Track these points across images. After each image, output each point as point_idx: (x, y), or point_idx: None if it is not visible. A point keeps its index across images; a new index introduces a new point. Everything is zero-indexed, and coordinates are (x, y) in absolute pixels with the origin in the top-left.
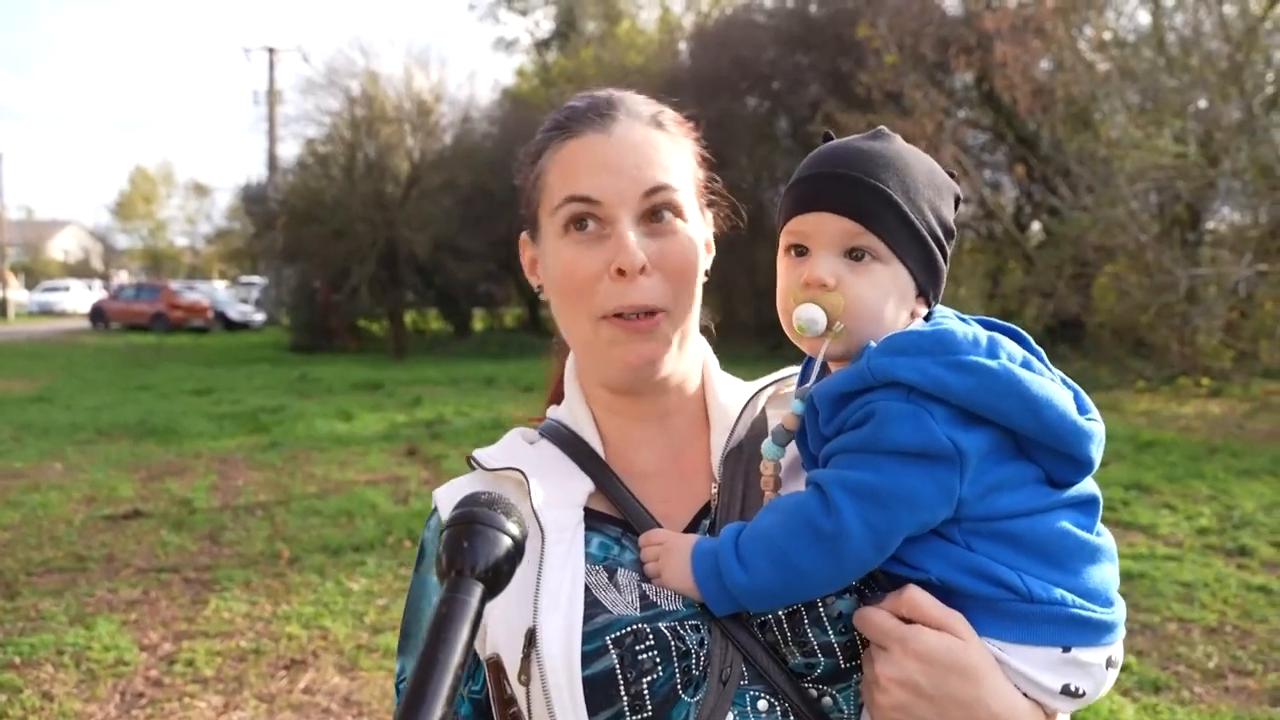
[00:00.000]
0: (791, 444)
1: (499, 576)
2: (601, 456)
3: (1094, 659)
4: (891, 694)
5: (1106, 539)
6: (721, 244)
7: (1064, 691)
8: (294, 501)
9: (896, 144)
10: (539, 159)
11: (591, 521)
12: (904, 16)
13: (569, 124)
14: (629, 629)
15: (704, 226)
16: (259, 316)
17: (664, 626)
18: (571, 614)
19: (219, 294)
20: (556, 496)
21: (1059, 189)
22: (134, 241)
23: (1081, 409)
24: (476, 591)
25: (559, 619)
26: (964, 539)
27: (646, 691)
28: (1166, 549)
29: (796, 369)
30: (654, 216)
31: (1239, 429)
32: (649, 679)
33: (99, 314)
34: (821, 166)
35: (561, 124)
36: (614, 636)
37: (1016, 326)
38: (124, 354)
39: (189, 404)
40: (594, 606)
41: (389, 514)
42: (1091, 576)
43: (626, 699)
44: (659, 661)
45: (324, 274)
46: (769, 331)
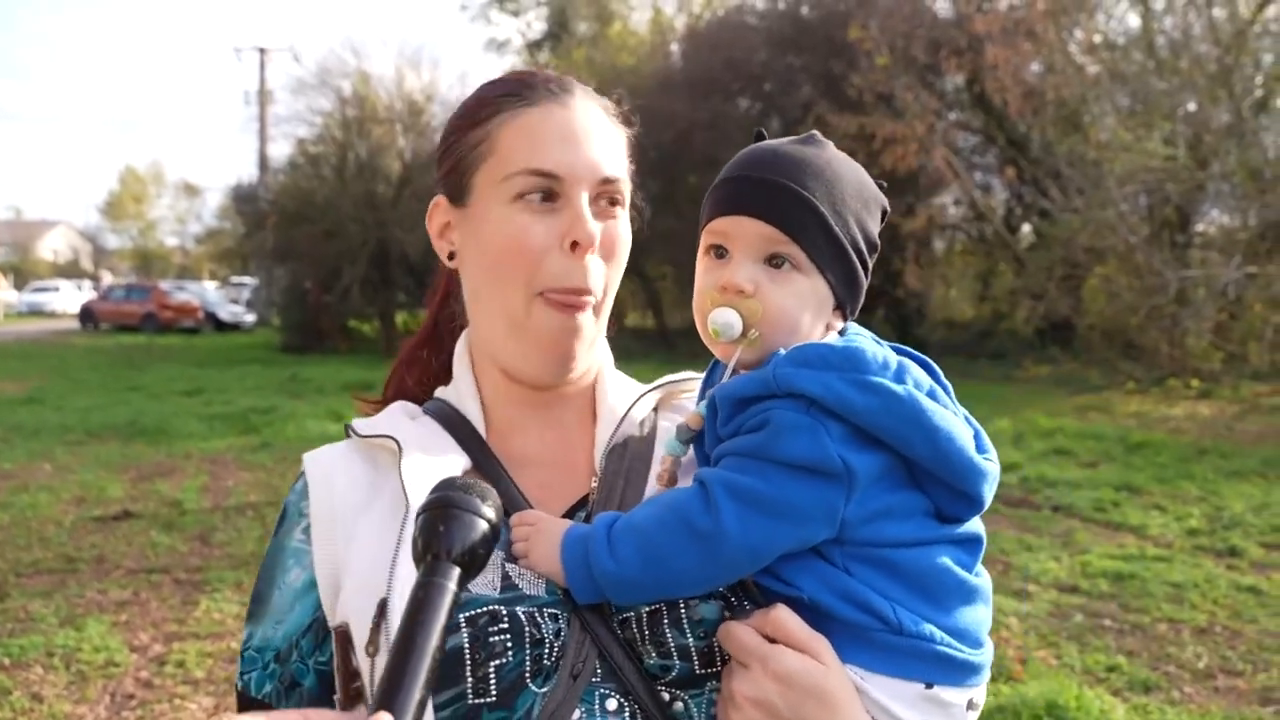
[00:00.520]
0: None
1: (475, 560)
2: (483, 437)
3: (955, 699)
4: (746, 713)
5: (984, 580)
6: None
7: None
8: None
9: (828, 152)
10: (486, 122)
11: None
12: (895, 19)
13: (525, 92)
14: (484, 609)
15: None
16: (249, 317)
17: (521, 611)
18: None
19: (209, 294)
20: (429, 470)
21: (1049, 191)
22: (124, 241)
23: (980, 448)
24: (453, 575)
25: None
26: (843, 562)
27: (493, 676)
28: (1156, 550)
29: (693, 373)
30: (603, 201)
31: (1228, 430)
32: (497, 663)
33: (89, 314)
34: (749, 169)
35: (516, 91)
36: (468, 615)
37: (927, 358)
38: (114, 354)
39: (179, 405)
40: None
41: None
42: (964, 616)
43: (471, 680)
44: (510, 646)
45: (315, 274)
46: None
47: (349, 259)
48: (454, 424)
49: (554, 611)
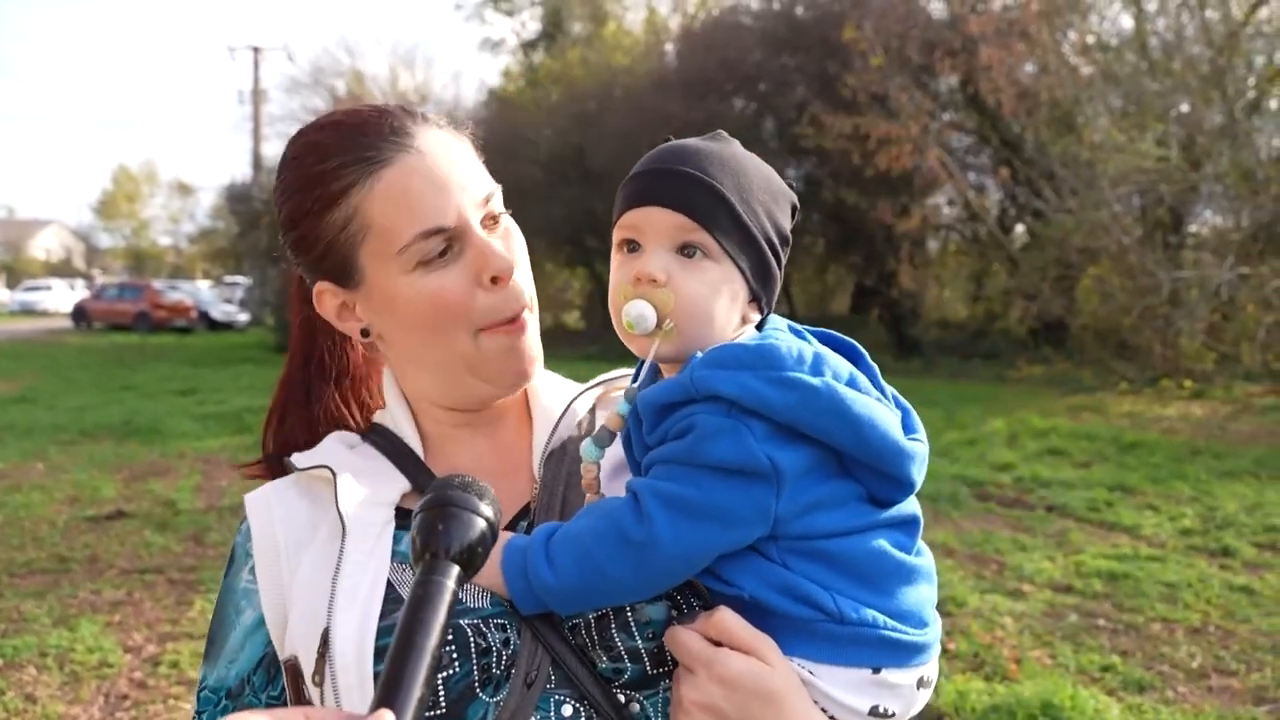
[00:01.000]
0: (617, 447)
1: (474, 558)
2: (420, 457)
3: (904, 680)
4: (694, 718)
5: (926, 559)
6: None
7: (872, 713)
8: None
9: (734, 147)
10: (342, 198)
11: (404, 520)
12: (889, 19)
13: (369, 152)
14: None
15: None
16: (243, 316)
17: (465, 623)
18: (368, 610)
19: (203, 294)
20: (366, 495)
21: (1043, 192)
22: (117, 241)
23: (908, 429)
24: (452, 573)
25: (353, 616)
26: (780, 557)
27: (440, 687)
28: (1150, 550)
29: (627, 370)
30: (490, 220)
31: (1221, 431)
32: (444, 675)
33: (81, 313)
34: (657, 163)
35: (358, 152)
36: None
37: (853, 341)
38: (107, 354)
39: (173, 404)
40: (395, 602)
41: None
42: (906, 598)
43: None
44: (456, 658)
45: None
46: None
47: None
48: (390, 448)
49: (501, 622)
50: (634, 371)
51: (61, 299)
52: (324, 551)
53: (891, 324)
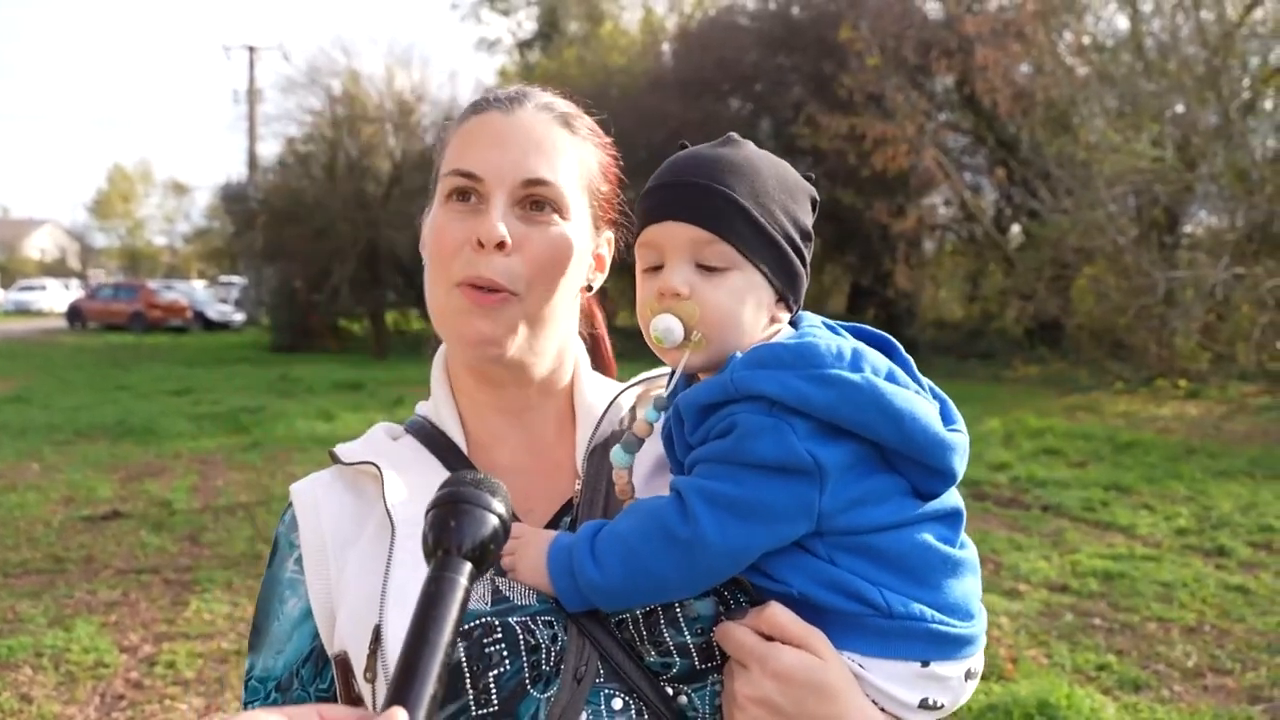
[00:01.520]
0: (654, 448)
1: (486, 554)
2: (464, 451)
3: (952, 672)
4: (749, 712)
5: (969, 552)
6: None
7: (922, 705)
8: (275, 502)
9: (745, 149)
10: (447, 131)
11: None
12: (886, 19)
13: (481, 104)
14: (477, 622)
15: (590, 236)
16: (238, 316)
17: (514, 621)
18: None
19: (198, 293)
20: (413, 491)
21: (1039, 192)
22: (111, 240)
23: (947, 420)
24: (465, 569)
25: (404, 615)
26: (827, 553)
27: (493, 685)
28: (1145, 549)
29: (664, 369)
30: (535, 205)
31: (1216, 430)
32: (495, 673)
33: (76, 313)
34: (669, 176)
35: (476, 103)
36: (462, 629)
37: (887, 334)
38: (102, 354)
39: (168, 404)
40: None
41: None
42: (952, 591)
43: (472, 693)
44: (506, 655)
45: (304, 274)
46: None
47: (339, 258)
48: (434, 441)
49: (549, 619)
50: (667, 378)
51: (56, 299)
52: (371, 550)
53: (887, 324)
